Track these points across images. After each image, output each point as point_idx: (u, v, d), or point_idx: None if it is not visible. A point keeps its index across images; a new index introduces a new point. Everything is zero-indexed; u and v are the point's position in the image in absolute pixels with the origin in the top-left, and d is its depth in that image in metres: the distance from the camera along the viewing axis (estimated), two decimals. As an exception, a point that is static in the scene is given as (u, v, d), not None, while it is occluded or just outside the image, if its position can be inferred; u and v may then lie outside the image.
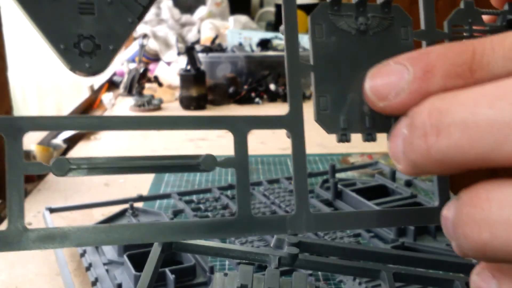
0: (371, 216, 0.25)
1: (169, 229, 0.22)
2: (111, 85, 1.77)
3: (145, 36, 1.87)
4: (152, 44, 1.84)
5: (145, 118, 0.23)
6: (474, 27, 0.27)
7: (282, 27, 0.25)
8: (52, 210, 0.77)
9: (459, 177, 0.25)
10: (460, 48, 0.21)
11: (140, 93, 1.48)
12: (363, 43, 0.25)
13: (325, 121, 0.25)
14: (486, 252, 0.19)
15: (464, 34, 0.27)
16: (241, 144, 0.24)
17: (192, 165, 0.23)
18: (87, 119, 0.22)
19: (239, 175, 0.24)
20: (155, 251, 0.41)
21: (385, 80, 0.22)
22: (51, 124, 0.22)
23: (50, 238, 0.21)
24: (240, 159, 0.24)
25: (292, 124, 0.25)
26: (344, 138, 0.25)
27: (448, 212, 0.21)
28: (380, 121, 0.25)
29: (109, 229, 0.22)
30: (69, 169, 0.22)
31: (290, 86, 0.25)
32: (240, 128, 0.24)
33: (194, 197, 0.83)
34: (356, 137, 0.26)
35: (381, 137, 0.26)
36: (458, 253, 0.21)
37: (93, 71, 0.23)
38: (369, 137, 0.25)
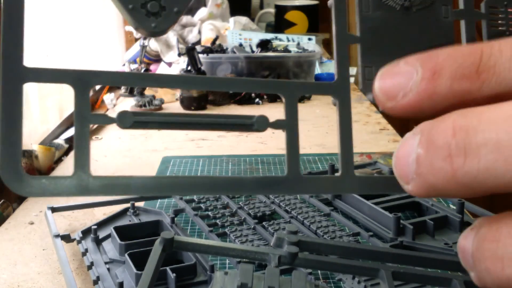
0: None
1: (223, 183, 0.24)
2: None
3: (146, 37, 1.88)
4: (153, 45, 1.84)
5: (198, 78, 0.24)
6: (509, 10, 0.29)
7: (330, 1, 0.27)
8: (54, 209, 0.77)
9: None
10: (468, 50, 0.21)
11: (141, 94, 1.48)
12: (407, 18, 0.27)
13: (369, 90, 0.26)
14: (510, 286, 0.19)
15: (500, 16, 0.28)
16: (291, 107, 0.25)
17: (246, 124, 0.24)
18: (145, 75, 0.24)
19: (289, 136, 0.25)
20: (156, 250, 0.42)
21: (394, 81, 0.22)
22: (115, 79, 0.23)
23: (113, 186, 0.23)
24: (290, 121, 0.25)
25: (340, 91, 0.26)
26: None
27: (466, 243, 0.20)
28: None
29: (169, 180, 0.23)
30: (133, 122, 0.23)
31: (338, 56, 0.26)
32: (291, 92, 0.25)
33: (194, 197, 0.84)
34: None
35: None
36: (479, 284, 0.20)
37: (158, 31, 0.25)
38: None
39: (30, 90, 1.17)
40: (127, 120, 0.23)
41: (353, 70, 1.92)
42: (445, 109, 0.21)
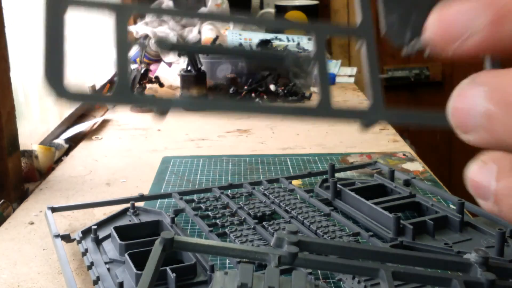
0: (436, 114, 0.27)
1: (258, 107, 0.26)
2: (113, 85, 1.78)
3: (146, 37, 1.88)
4: (153, 45, 1.84)
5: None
6: None
7: None
8: (54, 210, 0.77)
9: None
10: None
11: (141, 94, 1.48)
12: None
13: (392, 35, 0.28)
14: None
15: None
16: (320, 44, 0.28)
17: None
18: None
19: (320, 68, 0.27)
20: (156, 250, 0.42)
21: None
22: (152, 11, 0.25)
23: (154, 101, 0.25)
24: (319, 56, 0.28)
25: (364, 32, 0.28)
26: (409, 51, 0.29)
27: (483, 178, 0.20)
28: None
29: (196, 100, 0.25)
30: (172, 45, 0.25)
31: (362, 2, 0.28)
32: (321, 32, 0.27)
33: (194, 197, 0.84)
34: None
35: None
36: (496, 211, 0.20)
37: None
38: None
39: (31, 90, 1.17)
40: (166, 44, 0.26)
41: (353, 70, 1.92)
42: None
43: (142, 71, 1.48)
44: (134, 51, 1.88)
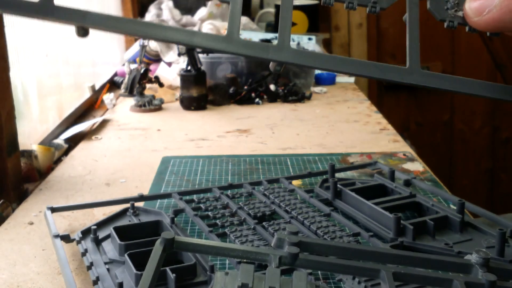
0: (345, 61, 0.29)
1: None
2: (112, 85, 1.77)
3: (145, 36, 1.88)
4: (152, 45, 1.84)
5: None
6: None
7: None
8: (53, 210, 0.77)
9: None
10: None
11: (141, 94, 1.48)
12: None
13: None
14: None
15: None
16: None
17: None
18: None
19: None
20: (157, 250, 0.42)
21: (482, 0, 0.29)
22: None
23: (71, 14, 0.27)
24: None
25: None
26: None
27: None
28: None
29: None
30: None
31: None
32: None
33: (194, 197, 0.83)
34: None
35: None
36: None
37: None
38: None
39: (30, 90, 1.17)
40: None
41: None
42: None
43: (142, 71, 1.47)
44: (134, 51, 1.87)
